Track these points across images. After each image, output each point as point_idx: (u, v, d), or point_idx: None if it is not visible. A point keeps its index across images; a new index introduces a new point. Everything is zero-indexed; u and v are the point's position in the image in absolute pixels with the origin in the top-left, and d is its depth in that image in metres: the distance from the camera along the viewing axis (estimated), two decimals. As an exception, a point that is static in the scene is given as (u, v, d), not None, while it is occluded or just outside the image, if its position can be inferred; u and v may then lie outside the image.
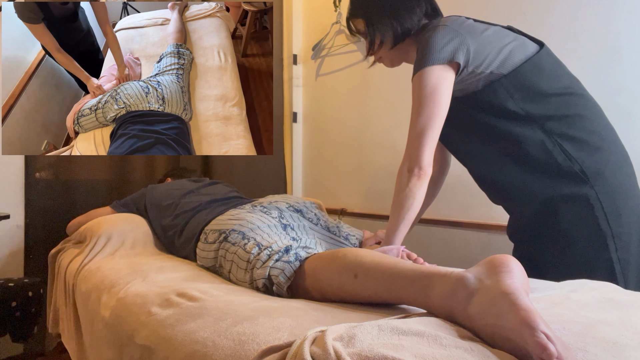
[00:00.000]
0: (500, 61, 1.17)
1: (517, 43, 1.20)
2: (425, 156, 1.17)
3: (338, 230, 1.47)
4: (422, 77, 1.17)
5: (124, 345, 0.95)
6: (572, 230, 1.15)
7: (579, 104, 1.19)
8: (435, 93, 1.16)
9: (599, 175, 1.13)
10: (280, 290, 1.00)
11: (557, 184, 1.15)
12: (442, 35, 1.17)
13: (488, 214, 1.97)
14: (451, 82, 1.18)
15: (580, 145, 1.15)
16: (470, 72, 1.18)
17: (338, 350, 0.57)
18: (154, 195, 1.78)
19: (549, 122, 1.16)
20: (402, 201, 1.19)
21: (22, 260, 2.14)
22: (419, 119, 1.18)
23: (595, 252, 1.14)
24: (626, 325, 0.69)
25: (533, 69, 1.17)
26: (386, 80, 2.44)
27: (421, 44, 1.20)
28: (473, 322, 0.66)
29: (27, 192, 2.14)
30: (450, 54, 1.15)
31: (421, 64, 1.17)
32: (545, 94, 1.17)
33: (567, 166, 1.14)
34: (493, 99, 1.18)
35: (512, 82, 1.16)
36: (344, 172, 2.67)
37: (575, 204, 1.14)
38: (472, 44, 1.16)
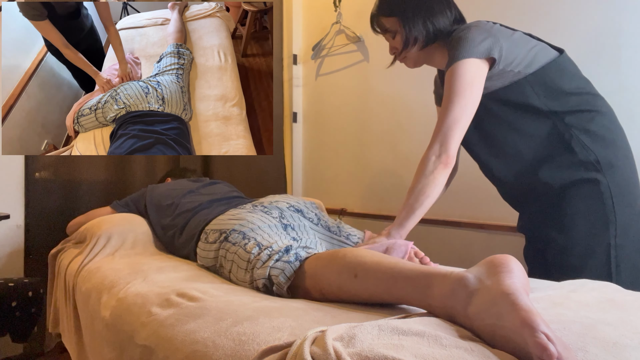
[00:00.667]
0: (528, 62, 1.23)
1: (541, 47, 1.27)
2: (454, 146, 1.20)
3: (338, 230, 1.47)
4: (460, 68, 1.21)
5: (124, 345, 0.95)
6: (579, 214, 1.21)
7: (594, 103, 1.26)
8: (472, 84, 1.20)
9: (611, 167, 1.20)
10: (280, 290, 1.00)
11: (574, 172, 1.22)
12: (478, 32, 1.23)
13: (488, 214, 1.97)
14: (484, 77, 1.23)
15: (595, 138, 1.22)
16: (500, 70, 1.23)
17: (338, 350, 0.57)
18: (154, 195, 1.78)
19: (568, 116, 1.22)
20: (424, 187, 1.20)
21: (22, 260, 2.14)
22: (454, 108, 1.20)
23: (596, 236, 1.20)
24: (626, 326, 0.69)
25: (556, 69, 1.24)
26: (386, 81, 2.44)
27: (455, 40, 1.25)
28: (473, 322, 0.66)
29: (27, 192, 2.14)
30: (487, 50, 1.21)
31: (459, 55, 1.21)
32: (565, 92, 1.24)
33: (583, 156, 1.20)
34: (518, 96, 1.24)
35: (536, 80, 1.23)
36: (344, 172, 2.67)
37: (585, 188, 1.21)
38: (504, 43, 1.23)
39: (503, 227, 1.89)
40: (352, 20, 2.60)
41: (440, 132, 1.21)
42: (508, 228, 1.87)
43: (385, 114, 2.44)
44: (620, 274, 1.18)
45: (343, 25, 2.63)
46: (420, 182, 1.20)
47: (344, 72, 2.68)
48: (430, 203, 1.22)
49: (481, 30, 1.24)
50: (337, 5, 2.63)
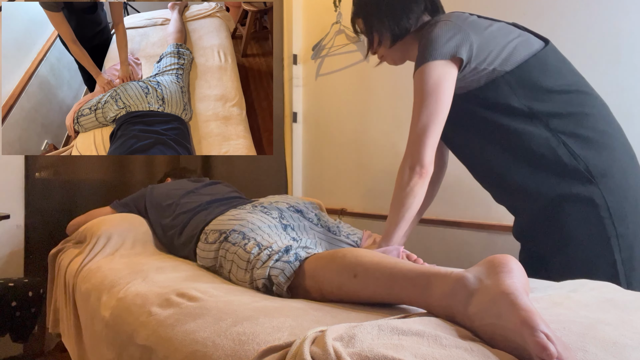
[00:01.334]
0: (504, 58, 1.14)
1: (522, 39, 1.17)
2: (428, 154, 1.15)
3: (338, 231, 1.47)
4: (424, 73, 1.14)
5: (124, 345, 0.95)
6: (576, 231, 1.13)
7: (584, 102, 1.16)
8: (438, 89, 1.13)
9: (604, 175, 1.11)
10: (280, 290, 1.00)
11: (563, 183, 1.13)
12: (445, 30, 1.15)
13: (488, 214, 1.97)
14: (454, 79, 1.15)
15: (585, 143, 1.12)
16: (472, 69, 1.15)
17: (338, 350, 0.57)
18: (154, 195, 1.78)
19: (553, 120, 1.13)
20: (402, 199, 1.17)
21: (22, 260, 2.14)
22: (420, 116, 1.15)
23: (598, 252, 1.11)
24: (626, 325, 0.69)
25: (537, 65, 1.15)
26: (386, 81, 2.44)
27: (423, 40, 1.18)
28: (473, 322, 0.66)
29: (27, 192, 2.14)
30: (453, 49, 1.13)
31: (423, 59, 1.15)
32: (549, 91, 1.14)
33: (572, 165, 1.11)
34: (496, 95, 1.16)
35: (515, 79, 1.14)
36: (344, 172, 2.67)
37: (580, 204, 1.11)
38: (476, 40, 1.14)
39: (503, 227, 1.89)
40: (352, 20, 2.60)
41: (411, 142, 1.16)
42: (508, 228, 1.86)
43: (385, 114, 2.44)
44: (633, 289, 1.07)
45: (343, 25, 2.63)
46: (399, 195, 1.17)
47: (344, 72, 2.68)
48: (412, 214, 1.18)
49: (450, 27, 1.15)
50: (337, 5, 2.63)
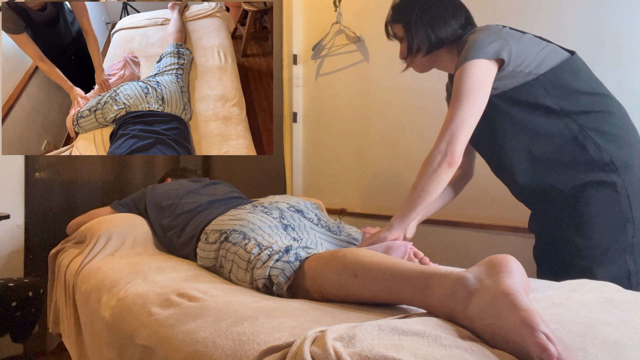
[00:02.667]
0: (538, 62, 1.24)
1: (552, 48, 1.28)
2: (460, 146, 1.21)
3: (338, 230, 1.47)
4: (469, 69, 1.22)
5: (124, 346, 0.95)
6: (596, 215, 1.21)
7: (607, 103, 1.26)
8: (480, 85, 1.21)
9: (627, 167, 1.21)
10: (280, 291, 1.00)
11: (589, 172, 1.22)
12: (487, 35, 1.25)
13: (488, 214, 1.97)
14: (493, 78, 1.24)
15: (610, 139, 1.22)
16: (510, 71, 1.24)
17: (338, 350, 0.57)
18: (154, 195, 1.77)
19: (581, 117, 1.23)
20: (427, 184, 1.21)
21: (22, 260, 2.14)
22: (461, 109, 1.21)
23: (614, 235, 1.20)
24: (626, 325, 0.69)
25: (568, 69, 1.25)
26: (386, 81, 2.44)
27: (464, 44, 1.27)
28: (473, 322, 0.66)
29: (27, 192, 2.14)
30: (495, 51, 1.22)
31: (468, 57, 1.23)
32: (578, 92, 1.24)
33: (598, 157, 1.21)
34: (530, 95, 1.25)
35: (548, 81, 1.24)
36: (344, 172, 2.67)
37: (602, 189, 1.21)
38: (514, 45, 1.24)
39: (503, 227, 1.89)
40: (352, 20, 2.60)
41: (448, 131, 1.21)
42: (508, 228, 1.87)
43: (385, 114, 2.44)
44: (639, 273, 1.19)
45: (343, 25, 2.63)
46: (424, 179, 1.22)
47: (344, 72, 2.68)
48: (432, 200, 1.24)
49: (490, 33, 1.26)
50: (337, 5, 2.63)
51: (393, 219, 1.28)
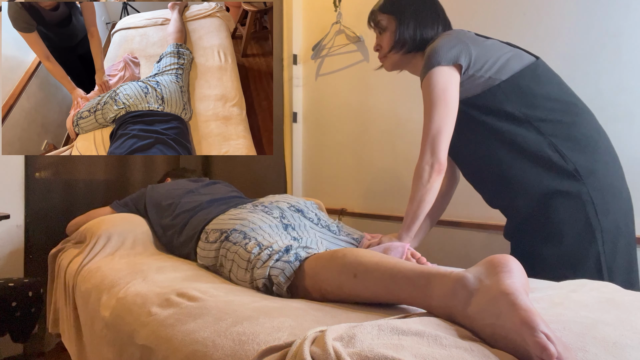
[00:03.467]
0: (499, 67, 1.25)
1: (514, 53, 1.29)
2: (443, 152, 1.25)
3: (338, 230, 1.47)
4: (433, 77, 1.25)
5: (124, 345, 0.95)
6: (564, 225, 1.22)
7: (571, 110, 1.27)
8: (446, 92, 1.24)
9: (591, 174, 1.21)
10: (280, 290, 1.00)
11: (553, 181, 1.22)
12: (447, 40, 1.28)
13: (488, 214, 1.97)
14: (457, 82, 1.26)
15: (573, 146, 1.22)
16: (470, 76, 1.26)
17: (338, 350, 0.57)
18: (153, 195, 1.78)
19: (544, 124, 1.23)
20: (423, 195, 1.27)
21: (22, 260, 2.14)
22: (434, 118, 1.25)
23: (585, 245, 1.20)
24: (626, 325, 0.69)
25: (529, 75, 1.26)
26: (386, 81, 2.44)
27: (427, 51, 1.30)
28: (473, 322, 0.66)
29: (27, 192, 2.14)
30: (454, 56, 1.24)
31: (430, 64, 1.26)
32: (540, 98, 1.25)
33: (561, 165, 1.21)
34: (492, 101, 1.26)
35: (510, 87, 1.25)
36: (344, 172, 2.67)
37: (568, 200, 1.21)
38: (474, 50, 1.26)
39: (503, 227, 1.89)
40: (352, 20, 2.60)
41: (428, 141, 1.25)
42: (508, 228, 1.87)
43: (385, 113, 2.44)
44: (613, 279, 1.18)
45: (343, 25, 2.63)
46: (420, 191, 1.27)
47: (344, 72, 2.68)
48: (429, 207, 1.29)
49: (450, 38, 1.28)
50: (337, 5, 2.63)
51: (400, 232, 1.33)
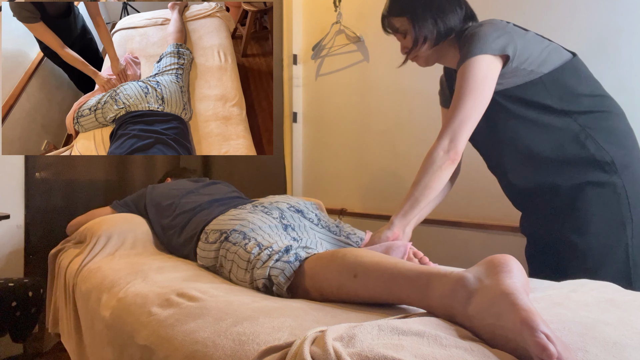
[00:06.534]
0: (541, 61, 1.23)
1: (554, 47, 1.27)
2: (463, 142, 1.20)
3: (338, 231, 1.47)
4: (474, 64, 1.20)
5: (124, 345, 0.95)
6: (595, 215, 1.21)
7: (608, 104, 1.26)
8: (485, 82, 1.19)
9: (626, 167, 1.20)
10: (280, 291, 1.00)
11: (588, 173, 1.21)
12: (493, 29, 1.22)
13: (488, 214, 1.97)
14: (497, 74, 1.21)
15: (610, 139, 1.22)
16: (513, 68, 1.22)
17: (338, 350, 0.57)
18: (153, 195, 1.78)
19: (582, 117, 1.22)
20: (430, 181, 1.20)
21: (22, 260, 2.14)
22: (465, 105, 1.19)
23: (614, 236, 1.20)
24: (626, 325, 0.69)
25: (570, 71, 1.25)
26: (386, 81, 2.44)
27: (468, 37, 1.24)
28: (473, 322, 0.66)
29: (27, 192, 2.14)
30: (501, 47, 1.20)
31: (473, 51, 1.20)
32: (579, 94, 1.24)
33: (599, 156, 1.20)
34: (532, 94, 1.24)
35: (551, 81, 1.23)
36: (344, 172, 2.67)
37: (603, 189, 1.20)
38: (519, 42, 1.22)
39: (503, 227, 1.89)
40: (352, 20, 2.60)
41: (451, 127, 1.20)
42: (508, 228, 1.87)
43: (385, 113, 2.44)
44: (638, 272, 1.18)
45: (343, 25, 2.63)
46: (427, 175, 1.20)
47: (344, 72, 2.68)
48: (433, 196, 1.22)
49: (495, 28, 1.23)
50: (337, 5, 2.63)
51: (394, 216, 1.26)
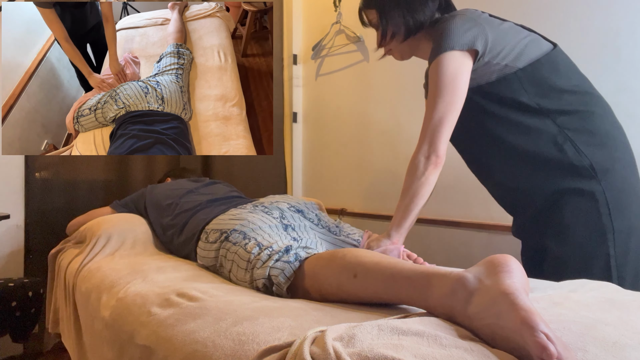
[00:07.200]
0: (516, 54, 1.17)
1: (532, 38, 1.20)
2: (443, 144, 1.16)
3: (338, 231, 1.47)
4: (442, 62, 1.15)
5: (124, 345, 0.95)
6: (575, 224, 1.15)
7: (590, 102, 1.19)
8: (455, 80, 1.14)
9: (606, 171, 1.14)
10: (279, 291, 1.00)
11: (566, 178, 1.15)
12: (462, 22, 1.17)
13: (488, 214, 1.97)
14: (469, 70, 1.16)
15: (590, 140, 1.15)
16: (485, 63, 1.17)
17: (338, 350, 0.57)
18: (153, 195, 1.78)
19: (561, 117, 1.16)
20: (417, 189, 1.17)
21: (22, 260, 2.14)
22: (438, 106, 1.15)
23: (594, 246, 1.14)
24: (626, 325, 0.69)
25: (548, 64, 1.17)
26: (386, 80, 2.44)
27: (439, 31, 1.19)
28: (473, 322, 0.66)
29: (27, 192, 2.14)
30: (470, 41, 1.14)
31: (441, 48, 1.16)
32: (558, 90, 1.17)
33: (577, 160, 1.14)
34: (506, 91, 1.18)
35: (527, 76, 1.16)
36: (344, 172, 2.67)
37: (581, 198, 1.14)
38: (490, 34, 1.16)
39: (503, 227, 1.89)
40: (352, 20, 2.60)
41: (428, 131, 1.17)
42: (508, 228, 1.86)
43: (385, 113, 2.45)
44: (623, 283, 1.12)
45: (343, 25, 2.63)
46: (414, 184, 1.18)
47: (344, 72, 2.68)
48: (423, 203, 1.20)
49: (465, 20, 1.17)
50: (337, 5, 2.63)
51: (389, 228, 1.23)
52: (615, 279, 1.13)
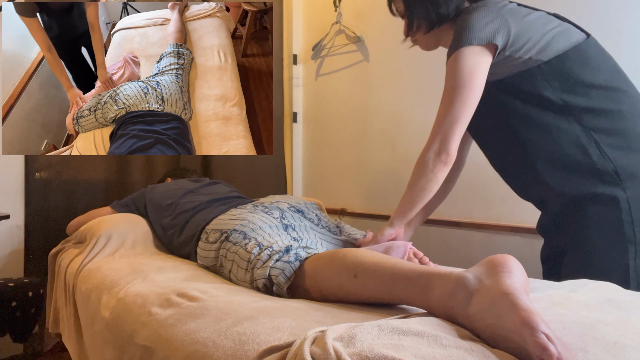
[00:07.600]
0: (541, 47, 1.11)
1: (561, 29, 1.14)
2: (455, 142, 1.13)
3: (339, 231, 1.47)
4: (459, 58, 1.11)
5: (124, 346, 0.95)
6: (595, 232, 1.10)
7: (621, 100, 1.11)
8: (472, 77, 1.11)
9: (632, 178, 1.07)
10: (280, 291, 1.00)
11: (589, 183, 1.10)
12: (483, 15, 1.12)
13: (488, 214, 1.97)
14: (488, 66, 1.12)
15: (617, 143, 1.08)
16: (506, 57, 1.12)
17: (338, 350, 0.57)
18: (153, 195, 1.78)
19: (587, 115, 1.09)
20: (424, 185, 1.17)
21: (22, 260, 2.14)
22: (453, 104, 1.12)
23: (613, 257, 1.09)
24: (626, 325, 0.69)
25: (577, 57, 1.11)
26: (386, 81, 2.44)
27: (459, 24, 1.15)
28: (473, 322, 0.66)
29: (27, 192, 2.14)
30: (490, 35, 1.10)
31: (458, 43, 1.12)
32: (587, 85, 1.10)
33: (601, 165, 1.08)
34: (529, 86, 1.13)
35: (552, 70, 1.10)
36: (344, 172, 2.67)
37: (603, 206, 1.09)
38: (514, 26, 1.11)
39: (503, 227, 1.89)
40: (352, 20, 2.60)
41: (440, 129, 1.14)
42: (508, 228, 1.87)
43: (385, 114, 2.45)
44: None
45: (343, 25, 2.63)
46: (421, 179, 1.17)
47: (344, 72, 2.68)
48: (429, 198, 1.19)
49: (488, 12, 1.12)
50: (337, 5, 2.63)
51: (393, 217, 1.24)
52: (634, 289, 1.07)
